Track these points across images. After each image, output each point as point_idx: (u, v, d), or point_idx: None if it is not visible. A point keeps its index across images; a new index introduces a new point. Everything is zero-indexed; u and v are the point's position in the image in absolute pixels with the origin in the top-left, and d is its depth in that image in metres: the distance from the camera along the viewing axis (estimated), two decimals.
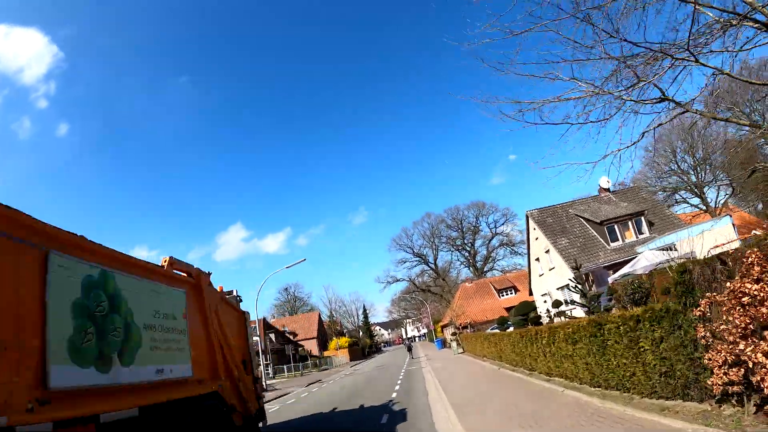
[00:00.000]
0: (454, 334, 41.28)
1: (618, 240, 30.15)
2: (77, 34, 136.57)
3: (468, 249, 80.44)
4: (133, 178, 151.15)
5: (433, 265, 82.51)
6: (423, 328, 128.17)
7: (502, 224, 78.96)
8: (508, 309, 52.85)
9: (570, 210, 34.44)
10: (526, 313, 24.05)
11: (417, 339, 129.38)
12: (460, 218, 79.89)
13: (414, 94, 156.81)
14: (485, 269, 78.21)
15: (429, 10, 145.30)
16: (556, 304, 26.46)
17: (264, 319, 61.43)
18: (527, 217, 35.85)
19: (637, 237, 29.93)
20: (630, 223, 30.52)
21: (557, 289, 32.24)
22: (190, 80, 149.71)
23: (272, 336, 58.00)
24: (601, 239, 30.51)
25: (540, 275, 35.90)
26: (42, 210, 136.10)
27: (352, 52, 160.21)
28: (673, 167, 42.44)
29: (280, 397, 23.08)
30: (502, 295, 56.58)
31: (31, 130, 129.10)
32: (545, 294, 34.88)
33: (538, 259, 35.87)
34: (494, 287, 57.77)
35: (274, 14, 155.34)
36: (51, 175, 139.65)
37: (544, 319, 26.06)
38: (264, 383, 29.92)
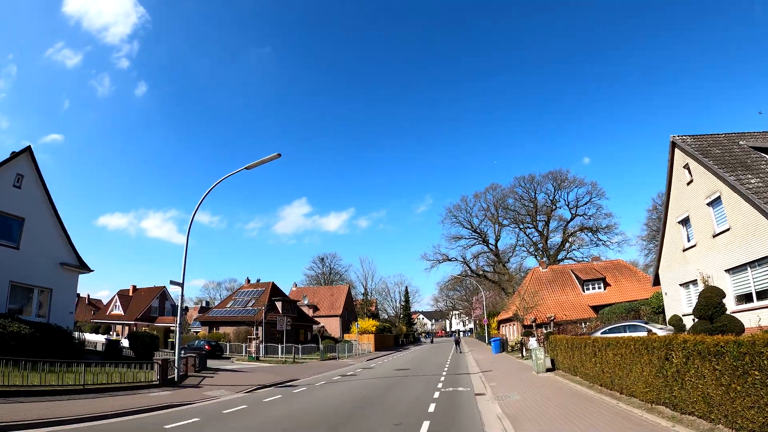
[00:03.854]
0: (527, 334, 26.54)
1: None
2: None
3: (540, 230, 63.84)
4: (203, 143, 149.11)
5: (493, 246, 66.58)
6: (470, 322, 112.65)
7: (586, 203, 61.57)
8: (594, 308, 37.23)
9: (741, 142, 18.97)
10: None
11: (462, 334, 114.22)
12: (534, 189, 63.19)
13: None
14: (558, 257, 61.40)
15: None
16: None
17: (273, 283, 49.22)
18: (672, 147, 20.63)
19: None
20: None
21: (730, 270, 16.98)
22: (272, 51, 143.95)
23: (279, 305, 45.49)
24: None
25: (686, 249, 20.30)
26: (110, 165, 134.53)
27: (427, 46, 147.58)
28: None
29: None
30: (587, 289, 40.64)
31: (111, 87, 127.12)
32: (692, 282, 19.63)
33: (685, 221, 20.38)
34: (577, 277, 41.80)
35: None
36: (125, 133, 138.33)
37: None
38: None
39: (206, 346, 35.88)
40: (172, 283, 16.33)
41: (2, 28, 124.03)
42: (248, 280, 53.36)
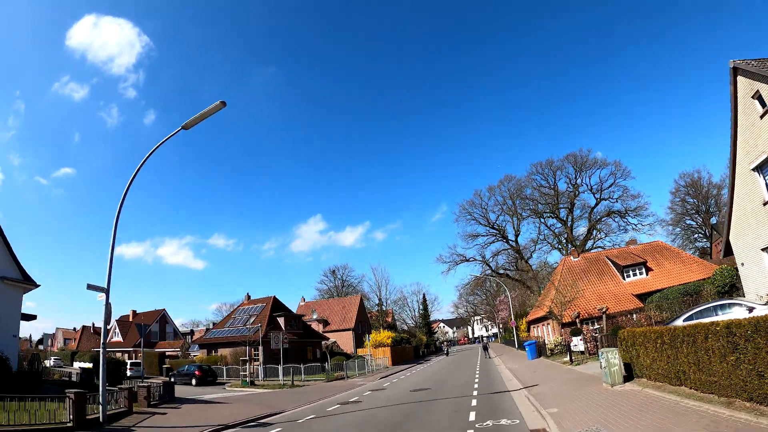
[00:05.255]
0: (575, 333, 21.48)
1: None
2: (167, 25, 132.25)
3: (563, 220, 58.41)
4: (214, 167, 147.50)
5: (513, 242, 61.20)
6: (494, 326, 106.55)
7: (610, 185, 56.03)
8: (639, 297, 31.86)
9: None
10: None
11: (487, 339, 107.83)
12: (554, 175, 57.83)
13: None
14: (585, 248, 55.81)
15: None
16: None
17: (274, 297, 44.57)
18: (733, 75, 16.11)
19: None
20: None
21: None
22: (277, 70, 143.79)
23: (281, 321, 40.78)
24: None
25: None
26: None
27: (438, 49, 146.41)
28: None
29: None
30: (628, 276, 35.20)
31: (119, 118, 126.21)
32: None
33: (763, 165, 15.51)
34: (614, 263, 36.44)
35: (365, 7, 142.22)
36: (136, 162, 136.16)
37: None
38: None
39: (196, 371, 31.34)
40: (91, 287, 11.71)
41: (8, 65, 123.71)
42: (248, 297, 48.78)
